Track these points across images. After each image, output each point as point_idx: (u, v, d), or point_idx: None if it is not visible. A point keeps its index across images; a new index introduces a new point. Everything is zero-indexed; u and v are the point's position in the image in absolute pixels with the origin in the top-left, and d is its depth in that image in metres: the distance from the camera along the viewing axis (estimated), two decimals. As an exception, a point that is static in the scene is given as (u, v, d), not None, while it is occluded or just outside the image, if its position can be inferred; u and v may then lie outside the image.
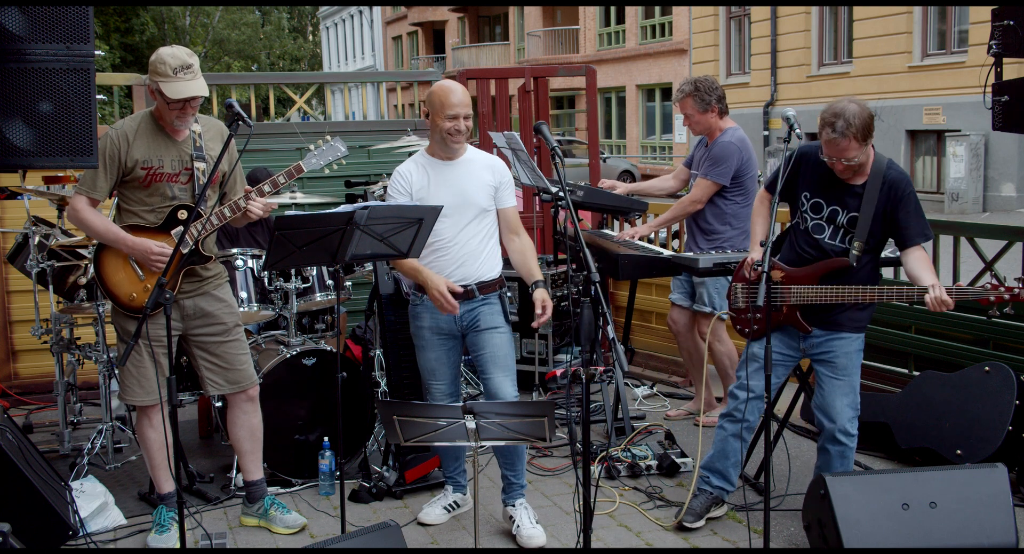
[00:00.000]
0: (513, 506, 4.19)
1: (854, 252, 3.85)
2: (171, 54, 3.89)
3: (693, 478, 4.65)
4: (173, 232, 4.02)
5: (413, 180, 4.12)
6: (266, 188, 4.00)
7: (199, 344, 4.18)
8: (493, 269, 4.18)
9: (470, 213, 4.09)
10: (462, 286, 4.07)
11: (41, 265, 5.08)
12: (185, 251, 3.90)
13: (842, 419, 4.01)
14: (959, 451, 4.51)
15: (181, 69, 3.87)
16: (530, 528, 4.10)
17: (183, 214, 4.01)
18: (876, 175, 3.83)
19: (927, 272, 3.78)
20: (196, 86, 3.90)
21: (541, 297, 4.01)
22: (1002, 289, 3.66)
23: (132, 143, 3.97)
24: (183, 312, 4.10)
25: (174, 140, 4.05)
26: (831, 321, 3.98)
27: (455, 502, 4.39)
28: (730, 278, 4.52)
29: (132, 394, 4.08)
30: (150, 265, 3.96)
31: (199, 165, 4.05)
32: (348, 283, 5.33)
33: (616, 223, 7.07)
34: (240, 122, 3.67)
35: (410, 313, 4.27)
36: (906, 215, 3.82)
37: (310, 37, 58.51)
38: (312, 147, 4.13)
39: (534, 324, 3.96)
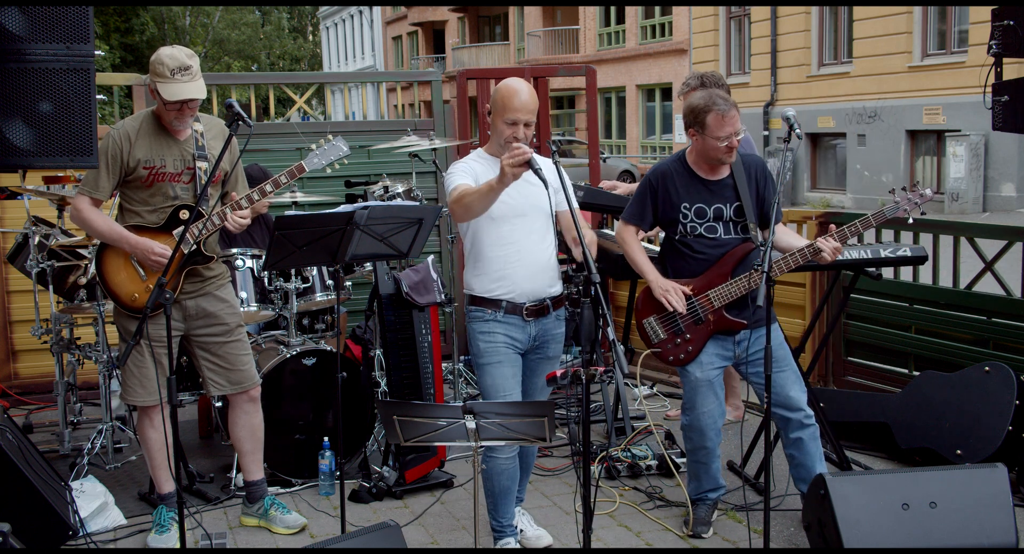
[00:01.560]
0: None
1: (754, 233, 3.96)
2: (170, 55, 3.88)
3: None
4: (175, 232, 4.02)
5: (476, 170, 3.78)
6: (268, 188, 4.00)
7: (201, 344, 4.18)
8: (558, 281, 3.96)
9: (535, 219, 3.80)
10: (537, 301, 3.85)
11: (41, 265, 5.08)
12: (187, 251, 3.90)
13: (801, 403, 4.07)
14: (959, 451, 4.51)
15: (179, 70, 3.85)
16: (535, 530, 4.09)
17: (185, 214, 4.01)
18: (736, 163, 4.02)
19: (797, 237, 4.08)
20: (192, 88, 3.88)
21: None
22: (911, 196, 3.83)
23: (134, 143, 3.97)
24: (185, 312, 4.10)
25: (176, 139, 4.05)
26: (756, 318, 4.02)
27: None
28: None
29: (134, 394, 4.08)
30: (151, 265, 3.96)
31: (201, 164, 4.05)
32: (348, 283, 5.33)
33: (616, 223, 7.06)
34: (240, 122, 3.67)
35: (476, 329, 3.84)
36: (769, 194, 4.03)
37: (310, 37, 58.51)
38: (314, 146, 4.12)
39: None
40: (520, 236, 3.78)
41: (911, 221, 3.93)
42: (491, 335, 3.83)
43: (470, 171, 3.78)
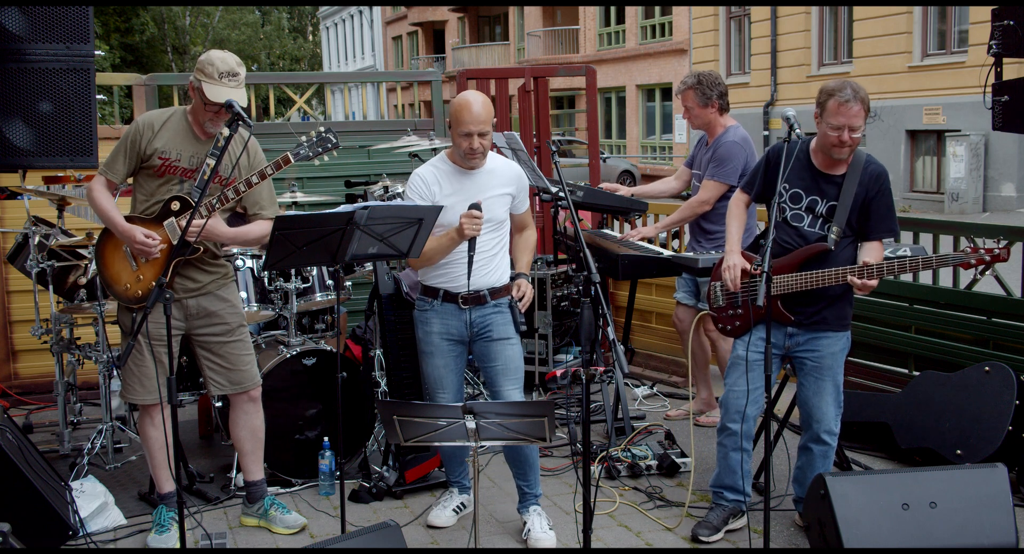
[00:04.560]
0: (527, 511, 4.18)
1: (832, 236, 3.87)
2: (221, 59, 3.90)
3: (691, 478, 4.66)
4: (165, 223, 4.01)
5: (432, 187, 4.02)
6: (254, 179, 3.98)
7: (202, 344, 4.17)
8: (503, 277, 4.12)
9: (484, 226, 3.96)
10: (473, 291, 4.02)
11: (41, 265, 5.08)
12: (175, 242, 3.89)
13: (828, 419, 4.02)
14: (959, 451, 4.51)
15: (227, 75, 3.88)
16: (540, 532, 4.09)
17: (176, 205, 4.01)
18: (856, 166, 3.90)
19: (868, 259, 3.85)
20: (235, 94, 3.89)
21: (520, 282, 4.09)
22: (982, 251, 3.69)
23: (156, 133, 3.99)
24: (186, 311, 4.09)
25: (199, 139, 4.05)
26: (816, 319, 3.96)
27: (462, 503, 4.38)
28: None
29: (134, 393, 4.08)
30: (136, 252, 3.96)
31: (210, 161, 4.04)
32: (348, 283, 5.33)
33: (616, 223, 7.07)
34: (240, 122, 3.68)
35: (417, 318, 4.18)
36: (878, 207, 3.89)
37: (310, 37, 58.51)
38: (304, 139, 4.10)
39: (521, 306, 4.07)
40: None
41: (977, 276, 3.84)
42: (427, 325, 4.12)
43: (427, 190, 4.02)
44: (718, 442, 4.17)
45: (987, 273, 3.77)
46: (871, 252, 3.88)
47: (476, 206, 3.86)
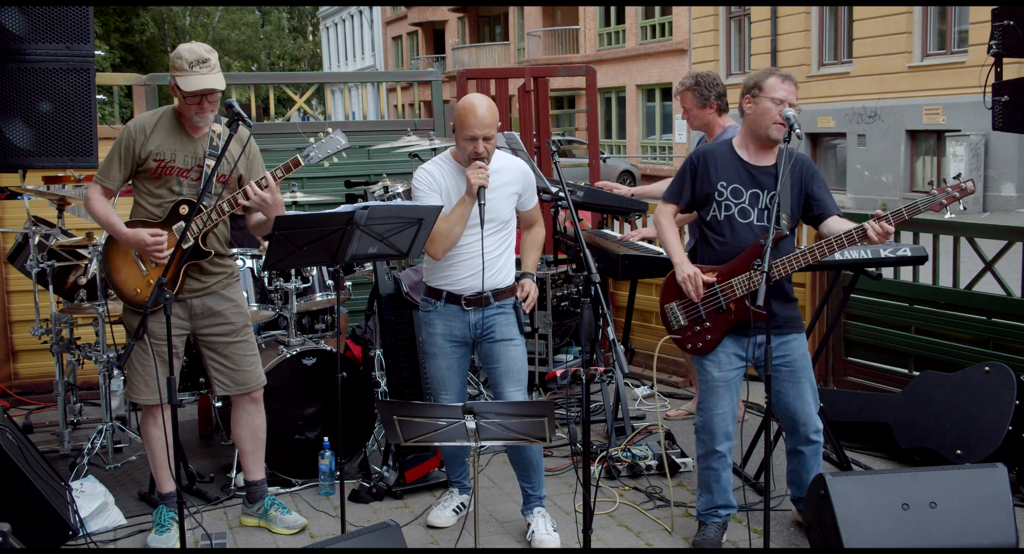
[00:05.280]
0: (531, 513, 4.17)
1: (784, 222, 3.80)
2: (188, 49, 3.90)
3: (692, 478, 4.66)
4: (175, 227, 4.02)
5: (439, 180, 4.00)
6: (263, 182, 3.98)
7: (207, 344, 4.17)
8: (507, 277, 4.10)
9: (490, 226, 3.95)
10: (476, 293, 4.02)
11: (41, 265, 5.08)
12: (185, 246, 3.89)
13: (812, 419, 4.00)
14: (959, 451, 4.51)
15: (197, 63, 3.86)
16: (544, 534, 4.07)
17: (184, 209, 4.01)
18: (783, 156, 3.88)
19: (848, 224, 3.83)
20: (210, 80, 3.88)
21: (525, 283, 4.08)
22: (950, 189, 3.71)
23: (149, 136, 3.98)
24: (190, 311, 4.09)
25: (191, 137, 4.04)
26: (780, 323, 3.89)
27: (462, 503, 4.37)
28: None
29: (138, 392, 4.08)
30: (148, 255, 3.96)
31: (210, 162, 4.04)
32: (348, 283, 5.33)
33: (616, 223, 7.07)
34: (240, 122, 3.67)
35: (421, 319, 4.19)
36: (820, 190, 3.94)
37: (310, 37, 58.53)
38: (312, 140, 4.09)
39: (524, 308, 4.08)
40: (472, 241, 3.96)
41: (948, 216, 3.77)
42: (431, 326, 4.12)
43: (435, 183, 4.02)
44: (706, 466, 4.03)
45: (961, 208, 3.74)
46: (841, 224, 3.84)
47: (478, 158, 3.87)
